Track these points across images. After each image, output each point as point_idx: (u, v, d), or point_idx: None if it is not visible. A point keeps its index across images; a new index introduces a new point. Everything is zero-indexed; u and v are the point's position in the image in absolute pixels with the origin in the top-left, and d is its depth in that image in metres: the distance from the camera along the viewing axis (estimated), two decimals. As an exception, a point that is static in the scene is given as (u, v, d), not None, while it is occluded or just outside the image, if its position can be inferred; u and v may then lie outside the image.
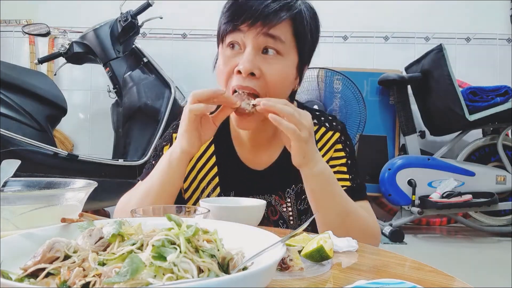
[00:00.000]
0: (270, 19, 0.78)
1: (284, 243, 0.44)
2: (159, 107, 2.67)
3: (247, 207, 0.73)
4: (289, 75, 0.85)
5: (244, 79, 0.80)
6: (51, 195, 0.59)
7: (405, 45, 3.44)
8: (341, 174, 0.93)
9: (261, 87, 0.81)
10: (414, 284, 0.42)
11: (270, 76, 0.81)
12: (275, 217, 0.95)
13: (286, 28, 0.81)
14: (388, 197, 2.91)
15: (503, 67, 3.38)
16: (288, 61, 0.83)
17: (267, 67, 0.81)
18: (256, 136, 0.94)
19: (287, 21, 0.81)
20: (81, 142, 3.42)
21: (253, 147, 0.96)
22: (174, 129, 0.99)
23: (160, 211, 0.65)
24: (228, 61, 0.83)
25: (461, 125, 2.88)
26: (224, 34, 0.83)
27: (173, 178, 0.83)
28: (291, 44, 0.83)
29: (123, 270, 0.34)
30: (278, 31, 0.80)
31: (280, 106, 0.74)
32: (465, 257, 2.42)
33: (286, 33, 0.82)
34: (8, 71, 2.25)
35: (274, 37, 0.80)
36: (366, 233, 0.83)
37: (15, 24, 3.43)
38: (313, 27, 0.87)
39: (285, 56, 0.82)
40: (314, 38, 0.88)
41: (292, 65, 0.85)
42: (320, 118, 0.98)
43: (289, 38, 0.82)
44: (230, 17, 0.81)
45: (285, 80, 0.84)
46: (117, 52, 2.65)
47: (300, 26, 0.83)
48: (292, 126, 0.73)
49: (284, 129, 0.73)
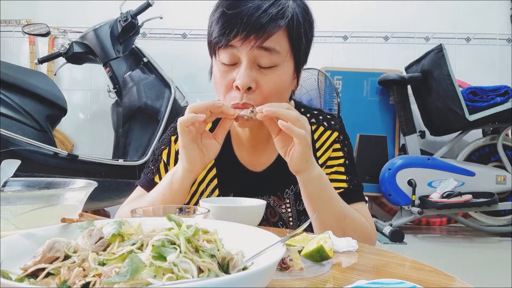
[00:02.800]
0: (263, 32, 0.75)
1: (284, 243, 0.44)
2: (159, 107, 2.67)
3: (247, 207, 0.73)
4: (286, 82, 0.84)
5: (242, 94, 0.78)
6: (51, 195, 0.59)
7: (405, 45, 3.44)
8: (339, 174, 0.93)
9: (258, 100, 0.79)
10: (414, 284, 0.42)
11: (267, 88, 0.79)
12: (275, 218, 0.95)
13: (280, 37, 0.79)
14: (388, 197, 2.92)
15: (503, 67, 3.38)
16: (284, 68, 0.82)
17: (263, 80, 0.79)
18: (254, 137, 0.94)
19: (282, 30, 0.78)
20: (81, 142, 3.42)
21: (252, 148, 0.95)
22: (172, 132, 0.98)
23: (160, 211, 0.65)
24: (224, 76, 0.81)
25: (461, 125, 2.88)
26: (216, 48, 0.81)
27: (173, 201, 0.80)
28: (287, 52, 0.81)
29: (123, 270, 0.34)
30: (272, 42, 0.77)
31: (284, 111, 0.72)
32: (465, 257, 2.42)
33: (281, 42, 0.79)
34: (8, 71, 2.25)
35: (268, 50, 0.77)
36: (362, 235, 0.82)
37: (15, 24, 3.43)
38: (308, 28, 0.84)
39: (281, 65, 0.80)
40: (310, 38, 0.86)
41: (289, 72, 0.83)
42: (319, 117, 0.97)
43: (284, 46, 0.80)
44: (221, 30, 0.77)
45: (282, 88, 0.83)
46: (117, 52, 2.65)
47: (295, 32, 0.80)
48: (302, 132, 0.71)
49: (296, 135, 0.71)
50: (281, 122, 0.71)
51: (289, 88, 0.86)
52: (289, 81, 0.85)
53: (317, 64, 3.03)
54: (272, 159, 0.95)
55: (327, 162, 0.94)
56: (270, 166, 0.95)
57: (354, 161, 0.97)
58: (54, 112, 2.46)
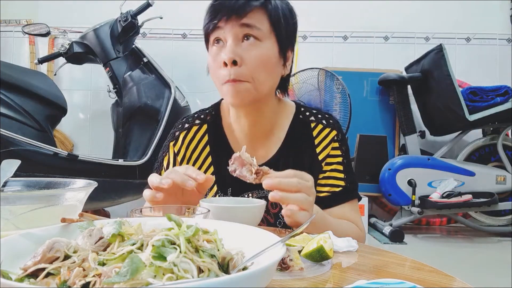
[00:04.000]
0: (242, 10, 0.85)
1: (284, 243, 0.44)
2: (159, 107, 2.67)
3: (247, 207, 0.73)
4: (270, 58, 0.88)
5: (229, 70, 0.85)
6: (51, 195, 0.59)
7: (405, 45, 3.44)
8: (337, 172, 0.97)
9: (246, 75, 0.85)
10: (414, 284, 0.42)
11: (251, 61, 0.85)
12: (275, 210, 0.96)
13: (260, 15, 0.87)
14: (388, 197, 2.91)
15: (503, 67, 3.38)
16: (267, 45, 0.88)
17: (247, 53, 0.86)
18: (252, 131, 0.97)
19: (260, 10, 0.87)
20: (81, 142, 3.42)
21: (250, 143, 0.97)
22: (171, 139, 1.02)
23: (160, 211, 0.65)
24: (215, 57, 0.88)
25: (461, 125, 2.88)
26: (207, 34, 0.90)
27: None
28: (268, 30, 0.88)
29: (123, 270, 0.34)
30: (252, 19, 0.86)
31: (286, 181, 0.70)
32: (465, 257, 2.42)
33: (261, 20, 0.87)
34: (8, 71, 2.25)
35: (249, 26, 0.86)
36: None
37: (15, 24, 3.43)
38: (287, 13, 0.92)
39: (263, 41, 0.87)
40: (291, 23, 0.93)
41: (272, 49, 0.89)
42: (317, 116, 1.01)
43: (265, 24, 0.88)
44: (209, 18, 0.88)
45: (267, 63, 0.88)
46: (117, 52, 2.65)
47: (273, 12, 0.88)
48: (300, 197, 0.70)
49: (293, 202, 0.70)
50: (274, 197, 0.69)
51: (276, 67, 0.91)
52: (274, 59, 0.89)
53: (317, 64, 3.03)
54: (271, 153, 0.98)
55: (325, 160, 0.98)
56: (270, 159, 0.97)
57: (350, 159, 1.01)
58: (54, 112, 2.46)
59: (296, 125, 1.00)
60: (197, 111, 1.06)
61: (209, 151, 0.99)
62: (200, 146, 0.99)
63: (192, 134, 1.00)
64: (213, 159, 0.98)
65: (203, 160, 0.99)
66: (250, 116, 0.95)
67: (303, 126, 0.99)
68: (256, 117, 0.95)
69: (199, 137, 1.00)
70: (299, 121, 1.00)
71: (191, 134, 1.00)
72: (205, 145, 0.99)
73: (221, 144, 0.99)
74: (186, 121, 1.03)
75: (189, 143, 1.00)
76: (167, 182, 0.69)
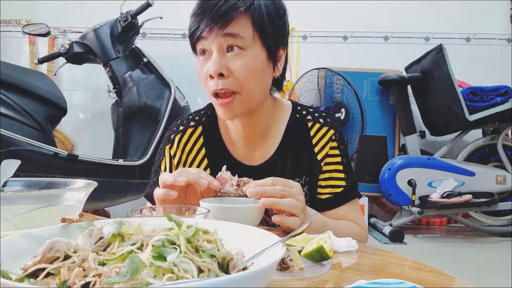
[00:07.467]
0: (223, 19, 0.81)
1: (284, 243, 0.44)
2: (159, 107, 2.67)
3: (247, 207, 0.73)
4: (258, 66, 0.85)
5: (217, 82, 0.83)
6: (51, 195, 0.59)
7: (405, 45, 3.44)
8: (338, 173, 0.96)
9: (234, 85, 0.84)
10: (414, 284, 0.42)
11: (238, 72, 0.83)
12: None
13: (243, 22, 0.83)
14: (388, 197, 2.91)
15: (503, 67, 3.38)
16: (253, 52, 0.84)
17: (233, 64, 0.83)
18: (248, 132, 0.96)
19: (243, 15, 0.83)
20: (81, 142, 3.42)
21: (246, 144, 0.97)
22: (166, 142, 1.01)
23: (160, 211, 0.65)
24: (202, 67, 0.86)
25: (461, 125, 2.88)
26: (192, 44, 0.88)
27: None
28: (252, 36, 0.84)
29: (123, 270, 0.34)
30: (234, 28, 0.82)
31: (269, 189, 0.71)
32: (465, 257, 2.42)
33: (244, 27, 0.83)
34: (8, 71, 2.25)
35: (232, 35, 0.82)
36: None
37: (15, 24, 3.43)
38: (273, 12, 0.87)
39: (248, 49, 0.84)
40: (279, 23, 0.89)
41: (258, 56, 0.85)
42: (314, 114, 0.99)
43: (248, 31, 0.84)
44: (193, 26, 0.85)
45: (255, 72, 0.85)
46: (117, 52, 2.65)
47: (257, 16, 0.84)
48: (290, 202, 0.71)
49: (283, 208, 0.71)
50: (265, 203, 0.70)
51: (265, 73, 0.88)
52: (262, 65, 0.86)
53: (317, 64, 3.03)
54: (269, 153, 0.97)
55: (324, 159, 0.97)
56: (268, 159, 0.97)
57: (349, 158, 1.00)
58: (54, 112, 2.46)
59: (293, 125, 0.99)
60: (192, 113, 1.04)
61: (205, 153, 0.98)
62: (196, 148, 0.99)
63: (187, 136, 0.99)
64: (209, 161, 0.98)
65: (199, 162, 0.98)
66: (245, 119, 0.94)
67: (300, 126, 0.98)
68: (251, 119, 0.94)
69: (194, 139, 0.99)
70: (296, 121, 0.99)
71: (186, 136, 0.99)
72: (201, 147, 0.98)
73: (216, 145, 0.98)
74: (181, 123, 1.02)
75: (184, 146, 0.99)
76: (183, 179, 0.70)
